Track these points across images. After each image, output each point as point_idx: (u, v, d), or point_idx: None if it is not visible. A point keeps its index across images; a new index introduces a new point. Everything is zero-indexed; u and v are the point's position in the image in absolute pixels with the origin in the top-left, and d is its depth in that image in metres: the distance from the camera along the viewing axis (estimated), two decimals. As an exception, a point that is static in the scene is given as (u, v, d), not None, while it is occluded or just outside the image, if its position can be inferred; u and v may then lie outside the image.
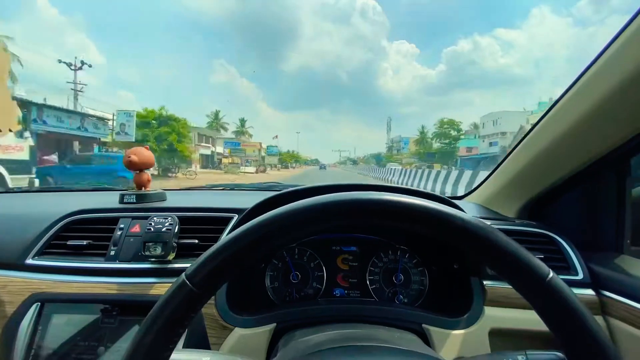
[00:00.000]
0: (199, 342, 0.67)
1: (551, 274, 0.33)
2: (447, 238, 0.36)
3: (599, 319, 0.68)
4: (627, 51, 0.54)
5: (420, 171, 13.60)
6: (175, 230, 0.74)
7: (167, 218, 0.75)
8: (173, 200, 0.94)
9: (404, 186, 0.83)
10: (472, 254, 0.36)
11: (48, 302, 0.71)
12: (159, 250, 0.71)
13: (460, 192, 1.22)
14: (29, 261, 0.75)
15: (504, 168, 0.96)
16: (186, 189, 1.33)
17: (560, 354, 0.41)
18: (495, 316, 0.70)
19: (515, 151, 0.89)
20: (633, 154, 0.72)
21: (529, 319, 0.69)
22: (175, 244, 0.73)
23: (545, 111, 0.76)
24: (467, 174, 9.24)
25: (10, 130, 0.55)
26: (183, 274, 0.34)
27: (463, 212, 0.36)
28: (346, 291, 0.86)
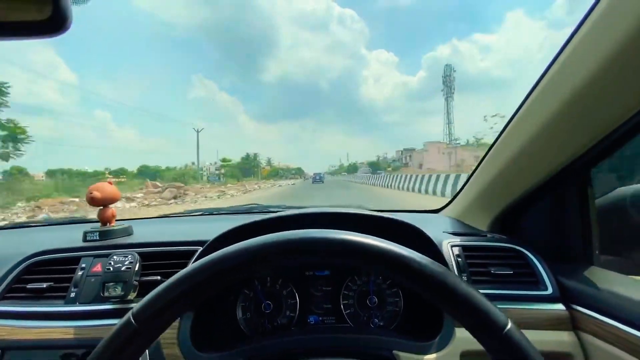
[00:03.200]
0: None
1: (509, 325, 0.32)
2: (402, 280, 0.35)
3: (570, 334, 0.67)
4: (579, 59, 0.54)
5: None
6: (136, 268, 0.72)
7: (127, 256, 0.73)
8: (139, 233, 0.92)
9: (373, 213, 0.82)
10: (428, 299, 0.35)
11: (8, 350, 0.69)
12: (119, 290, 0.69)
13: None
14: None
15: (474, 180, 0.96)
16: (162, 216, 1.31)
17: None
18: (466, 338, 0.68)
19: (482, 163, 0.89)
20: (593, 163, 0.72)
21: None
22: (136, 283, 0.71)
23: (507, 121, 0.76)
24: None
25: None
26: (129, 312, 0.33)
27: (418, 254, 0.35)
28: (321, 318, 0.84)
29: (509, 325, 0.32)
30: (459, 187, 1.07)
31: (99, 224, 0.89)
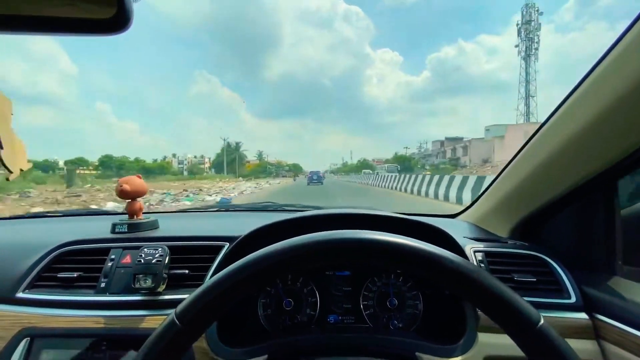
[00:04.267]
0: None
1: (542, 321, 0.33)
2: (436, 279, 0.36)
3: (593, 343, 0.68)
4: (615, 73, 0.54)
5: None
6: (166, 261, 0.73)
7: (157, 249, 0.75)
8: (165, 226, 0.94)
9: (397, 215, 0.83)
10: (459, 295, 0.36)
11: (38, 338, 0.71)
12: (149, 282, 0.71)
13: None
14: (20, 294, 0.75)
15: (496, 186, 0.96)
16: (180, 211, 1.33)
17: None
18: (489, 343, 0.69)
19: (507, 170, 0.90)
20: (622, 174, 0.72)
21: None
22: (165, 275, 0.73)
23: (535, 130, 0.77)
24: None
25: (21, 170, 0.56)
26: (173, 312, 0.35)
27: (450, 253, 0.36)
28: (340, 317, 0.85)
29: (542, 321, 0.32)
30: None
31: (126, 217, 0.91)
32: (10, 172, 0.52)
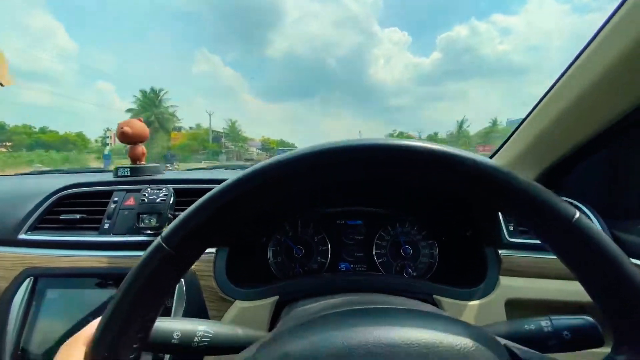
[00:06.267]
0: (198, 315, 0.64)
1: (577, 214, 0.28)
2: (458, 182, 0.32)
3: None
4: None
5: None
6: (171, 202, 0.70)
7: (161, 189, 0.71)
8: (169, 175, 0.90)
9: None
10: (486, 199, 0.32)
11: (41, 277, 0.69)
12: (154, 222, 0.68)
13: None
14: (22, 236, 0.73)
15: (521, 133, 0.90)
16: (188, 170, 1.30)
17: (588, 318, 0.37)
18: (511, 286, 0.65)
19: (532, 114, 0.83)
20: None
21: (548, 289, 0.65)
22: (170, 216, 0.70)
23: (565, 68, 0.69)
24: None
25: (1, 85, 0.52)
26: (159, 237, 0.30)
27: (477, 155, 0.32)
28: (352, 265, 0.83)
29: (577, 215, 0.28)
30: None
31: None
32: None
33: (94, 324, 0.30)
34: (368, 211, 0.85)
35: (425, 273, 0.80)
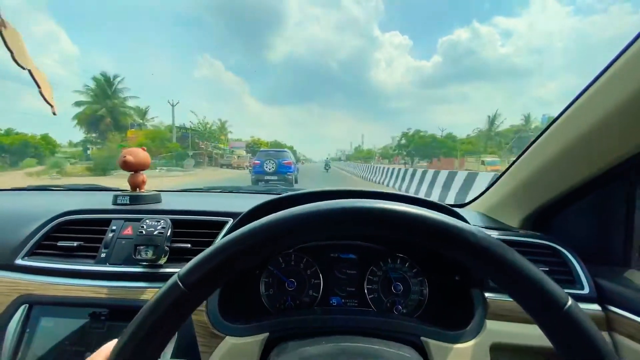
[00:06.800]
0: (189, 350, 0.65)
1: (570, 301, 0.30)
2: (454, 254, 0.34)
3: (604, 335, 0.65)
4: (638, 63, 0.52)
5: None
6: (168, 234, 0.72)
7: (159, 221, 0.73)
8: (168, 202, 0.92)
9: (407, 194, 0.80)
10: (481, 273, 0.33)
11: (36, 305, 0.70)
12: (150, 254, 0.69)
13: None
14: (19, 261, 0.74)
15: (509, 176, 0.93)
16: (183, 190, 1.31)
17: None
18: (497, 330, 0.67)
19: (521, 159, 0.87)
20: None
21: (533, 335, 0.66)
22: (167, 248, 0.71)
23: (553, 119, 0.74)
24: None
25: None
26: (176, 275, 0.33)
27: (474, 227, 0.34)
28: (343, 300, 0.84)
29: (570, 302, 0.30)
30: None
31: (128, 190, 0.89)
32: (52, 106, 0.50)
33: (105, 350, 0.33)
34: (361, 245, 0.87)
35: (415, 310, 0.82)
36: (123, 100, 30.78)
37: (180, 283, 0.32)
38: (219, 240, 0.35)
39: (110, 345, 0.33)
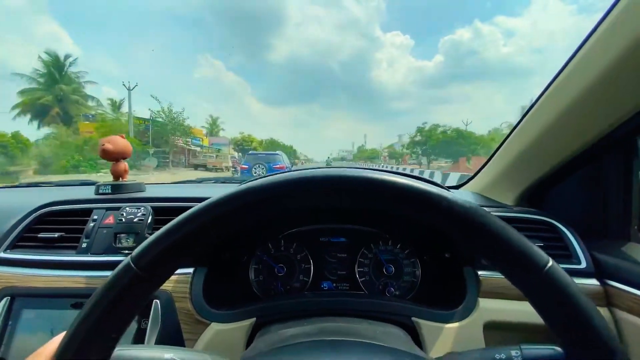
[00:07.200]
0: (173, 338, 0.63)
1: (550, 262, 0.29)
2: (431, 220, 0.32)
3: (604, 310, 0.63)
4: (628, 19, 0.49)
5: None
6: (149, 221, 0.70)
7: (140, 208, 0.71)
8: (151, 191, 0.90)
9: (395, 170, 0.77)
10: (459, 239, 0.32)
11: (18, 297, 0.68)
12: (131, 242, 0.67)
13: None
14: (1, 254, 0.72)
15: (501, 154, 0.91)
16: (173, 183, 1.29)
17: (558, 348, 0.37)
18: (490, 308, 0.65)
19: (512, 135, 0.84)
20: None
21: (527, 311, 0.64)
22: (148, 235, 0.69)
23: (542, 91, 0.70)
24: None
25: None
26: (129, 256, 0.31)
27: (450, 193, 0.32)
28: (334, 284, 0.82)
29: (550, 263, 0.29)
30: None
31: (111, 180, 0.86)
32: None
33: (57, 339, 0.31)
34: (351, 228, 0.85)
35: (407, 292, 0.80)
36: (75, 87, 23.89)
37: (132, 264, 0.30)
38: (178, 217, 0.32)
39: (54, 341, 0.31)
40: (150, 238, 0.31)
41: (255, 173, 10.10)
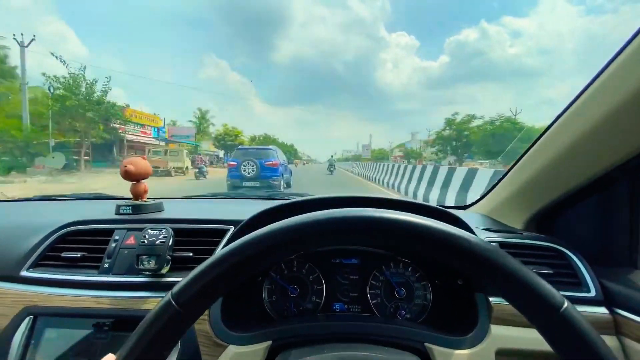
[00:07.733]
0: (192, 359, 0.65)
1: (566, 303, 0.30)
2: (451, 261, 0.34)
3: (612, 339, 0.64)
4: None
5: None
6: (170, 243, 0.72)
7: (161, 230, 0.73)
8: (170, 210, 0.92)
9: (407, 199, 0.80)
10: (478, 278, 0.34)
11: (41, 316, 0.70)
12: (152, 264, 0.69)
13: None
14: (24, 273, 0.75)
15: (511, 177, 0.93)
16: (186, 197, 1.32)
17: None
18: (502, 335, 0.66)
19: (523, 159, 0.86)
20: None
21: (539, 339, 0.65)
22: (169, 257, 0.71)
23: (555, 117, 0.73)
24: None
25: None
26: (169, 293, 0.33)
27: (469, 233, 0.34)
28: (346, 306, 0.83)
29: (566, 304, 0.30)
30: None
31: (131, 199, 0.89)
32: None
33: None
34: (362, 250, 0.87)
35: (419, 315, 0.81)
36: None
37: (173, 302, 0.32)
38: (211, 257, 0.35)
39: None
40: (190, 276, 0.34)
41: (244, 171, 8.47)
